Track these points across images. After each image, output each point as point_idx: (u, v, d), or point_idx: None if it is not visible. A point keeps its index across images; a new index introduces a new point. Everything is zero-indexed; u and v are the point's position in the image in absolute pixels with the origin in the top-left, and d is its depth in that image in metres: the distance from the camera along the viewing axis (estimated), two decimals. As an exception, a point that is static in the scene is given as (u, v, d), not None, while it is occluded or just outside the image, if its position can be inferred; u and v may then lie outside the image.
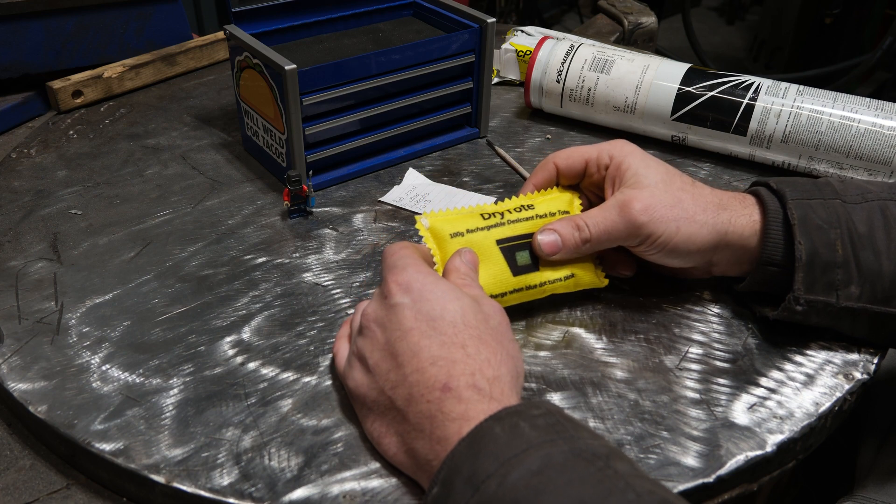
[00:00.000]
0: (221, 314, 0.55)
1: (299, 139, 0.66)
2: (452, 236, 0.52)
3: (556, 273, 0.53)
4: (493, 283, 0.52)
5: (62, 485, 0.46)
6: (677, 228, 0.50)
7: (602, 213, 0.52)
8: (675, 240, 0.50)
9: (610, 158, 0.54)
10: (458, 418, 0.39)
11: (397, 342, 0.43)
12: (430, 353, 0.42)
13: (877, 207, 0.50)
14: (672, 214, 0.50)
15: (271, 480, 0.43)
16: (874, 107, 0.67)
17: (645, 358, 0.52)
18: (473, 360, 0.41)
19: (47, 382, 0.49)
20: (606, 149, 0.54)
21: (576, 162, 0.55)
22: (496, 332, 0.44)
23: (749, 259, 0.52)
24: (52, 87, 0.82)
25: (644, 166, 0.52)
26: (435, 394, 0.40)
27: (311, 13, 0.75)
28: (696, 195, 0.52)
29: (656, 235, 0.50)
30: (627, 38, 1.10)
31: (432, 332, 0.42)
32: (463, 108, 0.77)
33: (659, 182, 0.51)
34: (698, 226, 0.50)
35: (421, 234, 0.53)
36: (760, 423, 0.47)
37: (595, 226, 0.52)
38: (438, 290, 0.44)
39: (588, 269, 0.54)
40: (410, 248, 0.49)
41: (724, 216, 0.51)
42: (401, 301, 0.44)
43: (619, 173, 0.53)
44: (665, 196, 0.51)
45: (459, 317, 0.43)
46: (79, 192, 0.69)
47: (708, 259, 0.52)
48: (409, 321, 0.43)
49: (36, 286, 0.58)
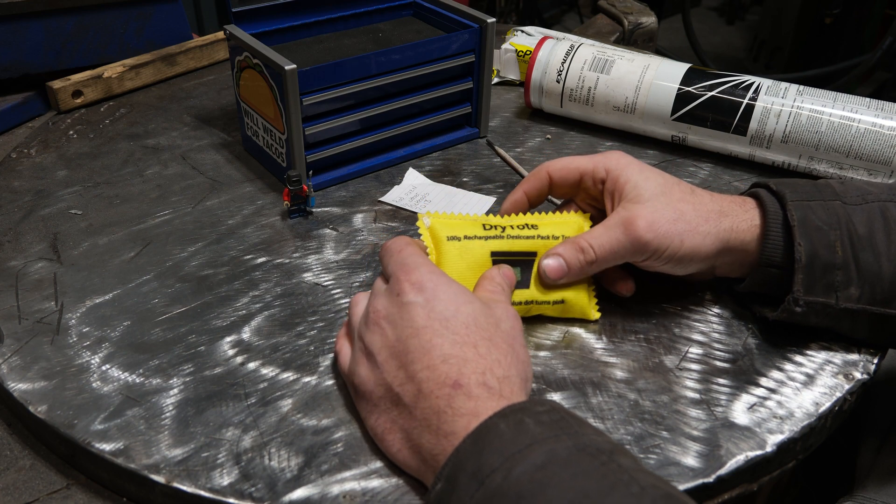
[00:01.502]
0: (221, 314, 0.55)
1: (299, 139, 0.66)
2: (449, 239, 0.52)
3: (546, 295, 0.53)
4: None
5: (62, 485, 0.46)
6: (681, 242, 0.50)
7: (606, 233, 0.51)
8: (679, 253, 0.50)
9: (606, 172, 0.53)
10: (468, 414, 0.40)
11: (409, 339, 0.43)
12: (441, 352, 0.42)
13: (877, 209, 0.50)
14: (676, 229, 0.50)
15: (271, 480, 0.43)
16: (874, 107, 0.67)
17: (645, 358, 0.52)
18: (484, 360, 0.42)
19: (47, 382, 0.49)
20: (602, 162, 0.54)
21: (570, 174, 0.55)
22: (507, 335, 0.44)
23: (750, 262, 0.52)
24: (52, 87, 0.82)
25: (643, 178, 0.52)
26: (445, 390, 0.41)
27: (311, 13, 0.75)
28: (697, 205, 0.51)
29: (661, 251, 0.50)
30: (627, 38, 1.10)
31: (445, 331, 0.43)
32: (463, 108, 0.77)
33: (659, 195, 0.51)
34: (702, 237, 0.50)
35: (420, 231, 0.53)
36: (760, 423, 0.47)
37: (600, 247, 0.51)
38: (451, 290, 0.45)
39: (581, 298, 0.53)
40: (415, 245, 0.49)
41: (726, 223, 0.51)
42: (414, 300, 0.44)
43: (618, 187, 0.52)
44: (667, 210, 0.51)
45: (472, 318, 0.43)
46: (79, 192, 0.69)
47: (711, 264, 0.53)
48: (421, 319, 0.43)
49: (36, 286, 0.58)
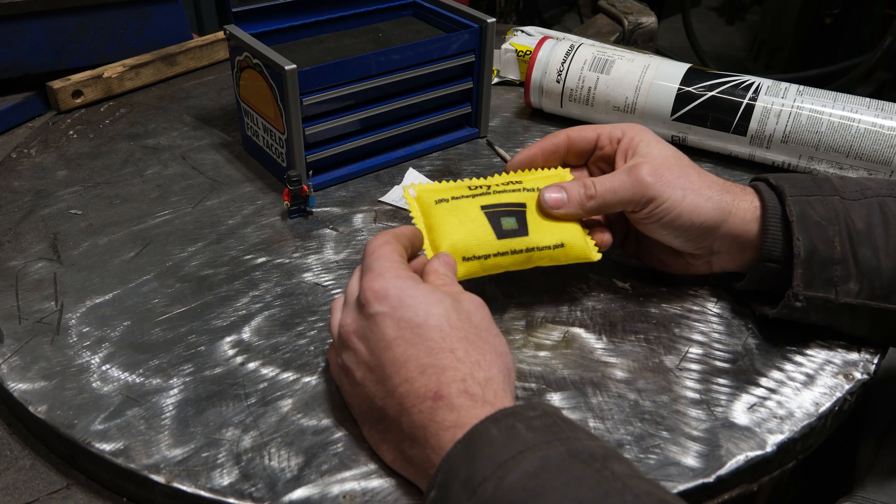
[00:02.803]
0: (221, 314, 0.55)
1: (299, 139, 0.66)
2: (437, 202, 0.53)
3: (544, 240, 0.52)
4: (476, 243, 0.51)
5: (62, 485, 0.46)
6: (683, 196, 0.51)
7: (610, 176, 0.53)
8: (679, 207, 0.51)
9: (622, 133, 0.55)
10: (452, 426, 0.39)
11: (382, 354, 0.42)
12: (418, 362, 0.41)
13: (875, 204, 0.50)
14: (679, 182, 0.51)
15: (271, 480, 0.43)
16: (874, 107, 0.67)
17: (645, 358, 0.52)
18: (464, 364, 0.41)
19: (47, 382, 0.49)
20: (619, 125, 0.56)
21: (588, 134, 0.57)
22: (480, 329, 0.43)
23: (749, 247, 0.52)
24: (52, 87, 0.82)
25: (656, 142, 0.54)
26: (426, 403, 0.40)
27: (311, 13, 0.75)
28: (703, 175, 0.53)
29: (662, 199, 0.51)
30: (627, 38, 1.10)
31: (418, 340, 0.41)
32: (463, 108, 0.77)
33: (669, 156, 0.53)
34: (704, 199, 0.51)
35: (407, 202, 0.54)
36: (760, 423, 0.47)
37: (601, 184, 0.52)
38: (418, 293, 0.43)
39: (578, 239, 0.53)
40: (390, 245, 0.46)
41: (728, 197, 0.52)
42: (379, 310, 0.42)
43: (632, 146, 0.54)
44: (674, 167, 0.52)
45: (444, 320, 0.42)
46: (79, 192, 0.69)
47: (709, 244, 0.52)
48: (391, 330, 0.42)
49: (36, 286, 0.58)
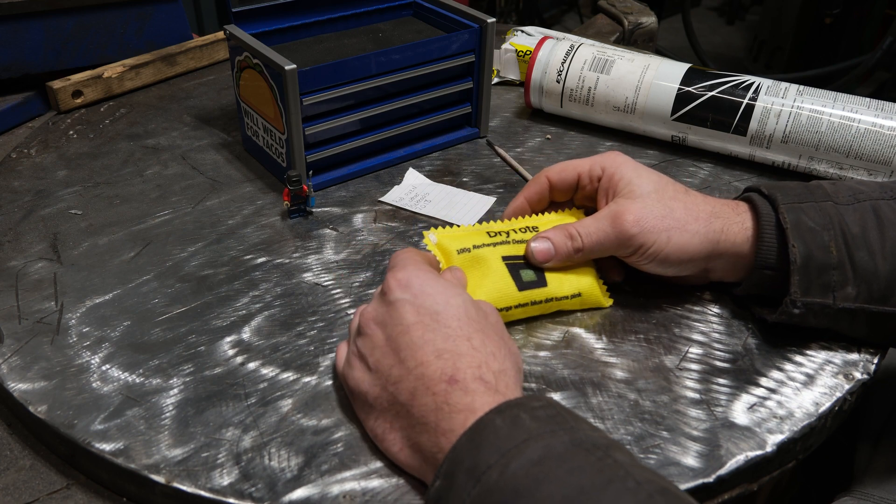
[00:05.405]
0: (221, 314, 0.55)
1: (299, 139, 0.66)
2: (459, 252, 0.53)
3: (562, 290, 0.54)
4: (499, 296, 0.52)
5: (62, 485, 0.46)
6: (668, 239, 0.51)
7: (595, 224, 0.52)
8: (666, 250, 0.51)
9: (602, 170, 0.54)
10: (464, 410, 0.40)
11: (399, 337, 0.43)
12: (434, 347, 0.42)
13: (869, 207, 0.50)
14: (663, 225, 0.51)
15: (271, 480, 0.43)
16: (874, 107, 0.67)
17: (645, 358, 0.52)
18: (479, 353, 0.42)
19: (47, 382, 0.49)
20: (598, 161, 0.55)
21: (568, 175, 0.56)
22: (496, 327, 0.45)
23: (745, 265, 0.53)
24: (52, 87, 0.82)
25: (636, 176, 0.53)
26: (441, 386, 0.41)
27: (311, 13, 0.75)
28: (689, 204, 0.52)
29: (647, 246, 0.51)
30: (627, 38, 1.10)
31: (436, 326, 0.43)
32: (463, 108, 0.77)
33: (651, 192, 0.52)
34: (690, 235, 0.51)
35: (429, 248, 0.54)
36: (760, 423, 0.47)
37: (588, 236, 0.52)
38: (439, 286, 0.45)
39: (594, 290, 0.55)
40: (414, 252, 0.49)
41: (717, 224, 0.51)
42: (401, 297, 0.44)
43: (612, 184, 0.54)
44: (656, 207, 0.51)
45: (462, 311, 0.44)
46: (79, 192, 0.69)
47: (702, 267, 0.53)
48: (410, 316, 0.43)
49: (36, 286, 0.58)
